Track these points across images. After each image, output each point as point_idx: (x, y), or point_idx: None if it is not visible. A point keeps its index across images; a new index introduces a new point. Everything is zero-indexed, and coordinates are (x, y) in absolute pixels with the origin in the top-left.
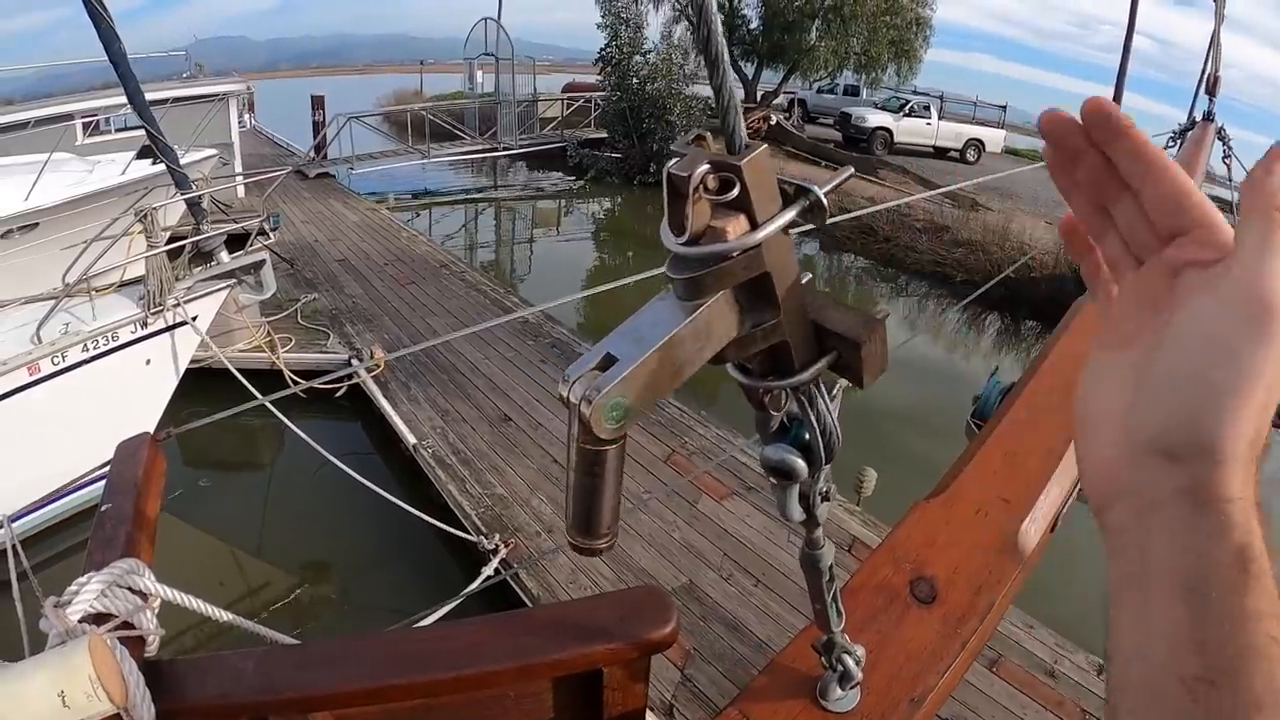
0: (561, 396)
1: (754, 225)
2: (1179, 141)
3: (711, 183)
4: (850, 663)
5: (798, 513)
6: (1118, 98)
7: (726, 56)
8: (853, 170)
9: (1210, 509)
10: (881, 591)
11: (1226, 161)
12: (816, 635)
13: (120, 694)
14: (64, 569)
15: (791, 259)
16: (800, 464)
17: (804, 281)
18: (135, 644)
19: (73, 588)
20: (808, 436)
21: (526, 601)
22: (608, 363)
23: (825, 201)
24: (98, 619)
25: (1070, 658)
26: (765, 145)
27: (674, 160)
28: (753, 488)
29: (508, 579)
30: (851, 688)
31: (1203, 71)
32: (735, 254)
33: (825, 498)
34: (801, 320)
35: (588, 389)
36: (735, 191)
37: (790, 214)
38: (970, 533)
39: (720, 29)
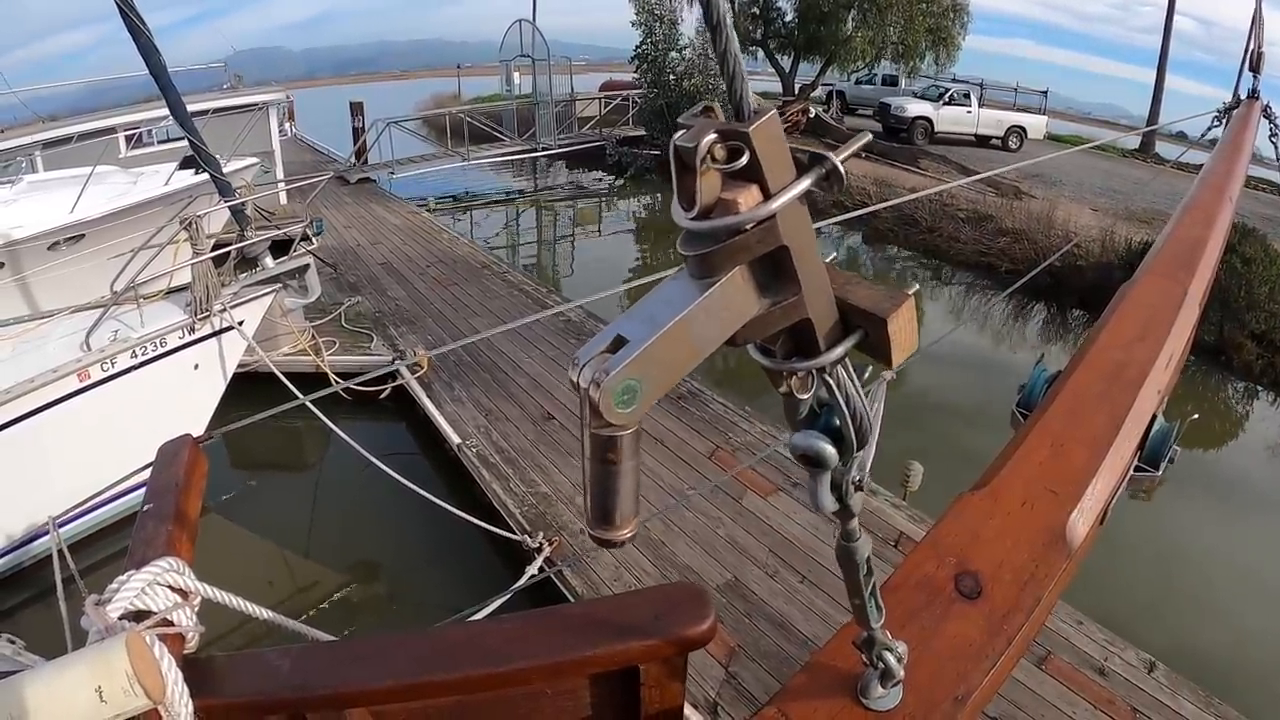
0: (571, 381)
1: (767, 196)
2: (1224, 121)
3: (720, 152)
4: (891, 660)
5: (830, 503)
6: (1160, 80)
7: (730, 21)
8: (869, 136)
9: None
10: (924, 587)
11: (1274, 140)
12: (857, 632)
13: (157, 690)
14: (111, 572)
15: (810, 232)
16: (830, 451)
17: (828, 260)
18: (174, 641)
19: (113, 585)
20: (838, 422)
21: (570, 599)
22: (618, 345)
23: (842, 169)
24: (137, 616)
25: (1121, 654)
26: (774, 110)
27: (680, 132)
28: (799, 483)
29: (552, 577)
30: (893, 686)
31: (1246, 49)
32: (748, 226)
33: (859, 487)
34: (824, 297)
35: (596, 372)
36: (745, 159)
37: (805, 182)
38: (1016, 526)
39: None
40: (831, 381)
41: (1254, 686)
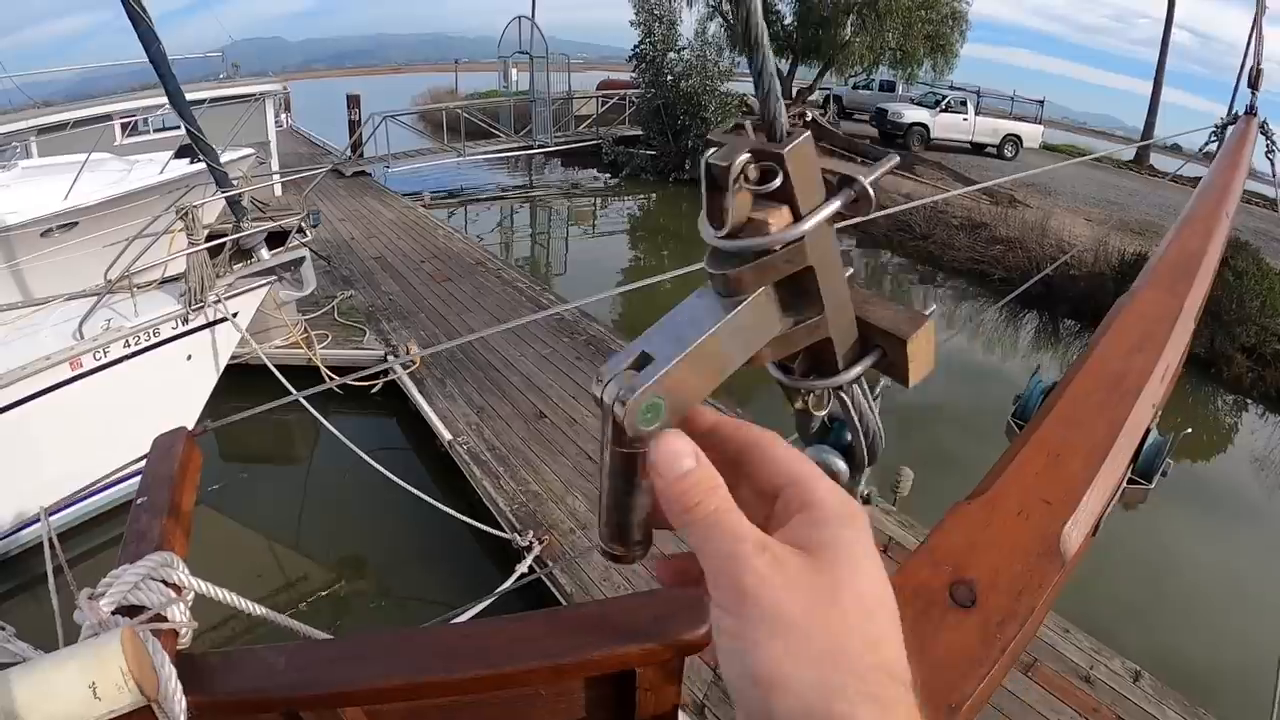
0: (595, 397)
1: (797, 217)
2: (1221, 136)
3: (752, 173)
4: None
5: None
6: (1156, 92)
7: (766, 40)
8: (896, 158)
9: None
10: (919, 595)
11: (1270, 157)
12: None
13: (151, 686)
14: (101, 562)
15: (835, 253)
16: (841, 466)
17: (846, 276)
18: (168, 636)
19: (106, 580)
20: (849, 438)
21: (560, 598)
22: (643, 361)
23: (871, 192)
24: (130, 611)
25: (1107, 663)
26: (809, 133)
27: (712, 150)
28: None
29: (541, 576)
30: None
31: (1242, 64)
32: (777, 247)
33: (866, 500)
34: (845, 317)
35: (622, 389)
36: (778, 182)
37: (835, 205)
38: (1011, 535)
39: (760, 10)
40: (846, 399)
41: (1237, 696)
